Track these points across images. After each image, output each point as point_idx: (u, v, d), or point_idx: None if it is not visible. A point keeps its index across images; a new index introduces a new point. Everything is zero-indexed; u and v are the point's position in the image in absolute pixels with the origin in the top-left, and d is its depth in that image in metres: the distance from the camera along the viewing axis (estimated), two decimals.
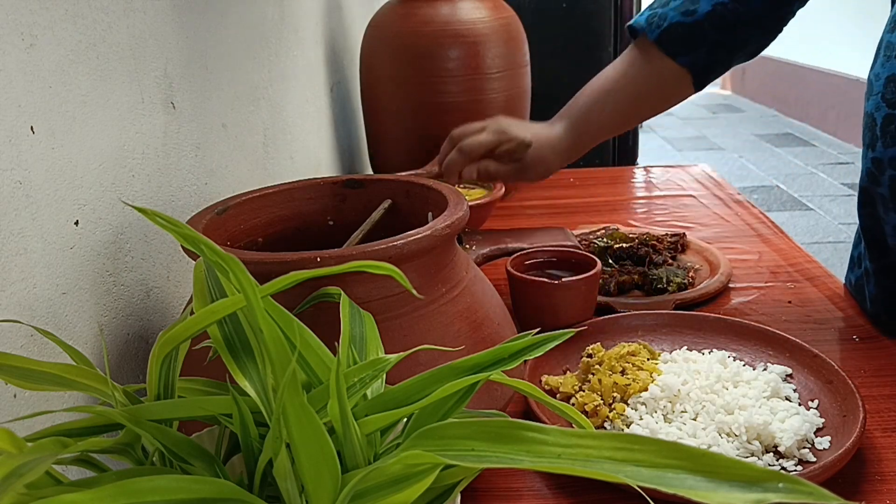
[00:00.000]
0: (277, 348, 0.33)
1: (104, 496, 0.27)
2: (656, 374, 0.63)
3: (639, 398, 0.60)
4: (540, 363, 0.66)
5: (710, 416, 0.58)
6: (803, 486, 0.25)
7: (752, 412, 0.58)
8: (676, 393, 0.60)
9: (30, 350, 0.45)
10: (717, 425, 0.57)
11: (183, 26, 0.67)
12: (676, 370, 0.63)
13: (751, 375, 0.63)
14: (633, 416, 0.59)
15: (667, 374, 0.62)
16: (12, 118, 0.44)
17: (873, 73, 0.74)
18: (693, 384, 0.61)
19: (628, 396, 0.61)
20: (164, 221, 0.34)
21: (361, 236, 0.61)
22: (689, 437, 0.56)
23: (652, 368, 0.63)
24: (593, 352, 0.66)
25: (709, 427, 0.57)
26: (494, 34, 1.13)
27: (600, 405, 0.60)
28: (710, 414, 0.58)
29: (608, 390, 0.61)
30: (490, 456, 0.30)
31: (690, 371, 0.63)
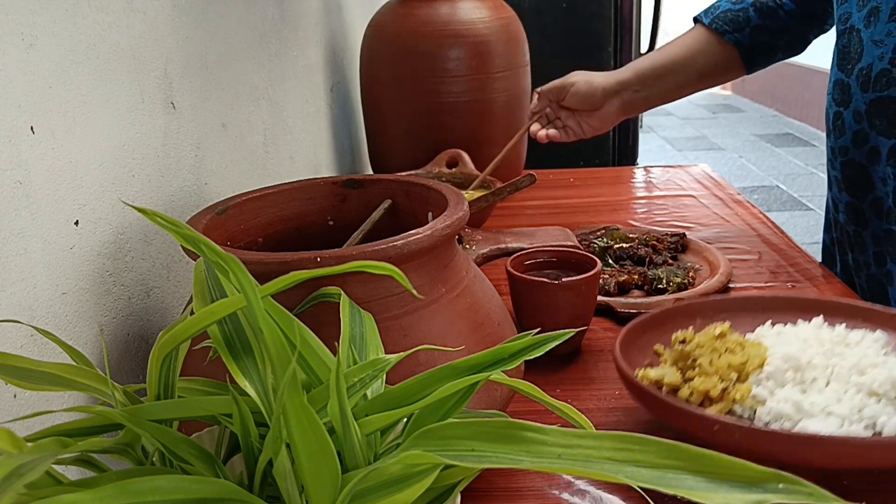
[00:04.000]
0: (277, 348, 0.33)
1: (104, 496, 0.27)
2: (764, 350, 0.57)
3: (760, 374, 0.55)
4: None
5: (845, 380, 0.53)
6: (803, 486, 0.25)
7: (887, 367, 0.53)
8: (800, 362, 0.55)
9: (30, 350, 0.45)
10: (857, 387, 0.53)
11: (183, 26, 0.67)
12: (784, 342, 0.58)
13: (857, 337, 0.58)
14: (764, 394, 0.54)
15: (779, 346, 0.57)
16: (12, 118, 0.44)
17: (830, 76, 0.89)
18: (811, 351, 0.56)
19: (747, 375, 0.55)
20: (164, 221, 0.34)
21: (361, 236, 0.61)
22: (835, 404, 0.52)
23: (756, 345, 0.57)
24: (686, 338, 0.60)
25: (849, 390, 0.53)
26: (494, 34, 1.13)
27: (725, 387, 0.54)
28: (844, 377, 0.53)
29: (724, 371, 0.55)
30: (490, 456, 0.30)
31: (798, 340, 0.58)
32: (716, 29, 1.00)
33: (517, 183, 0.86)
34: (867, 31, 0.80)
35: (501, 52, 1.13)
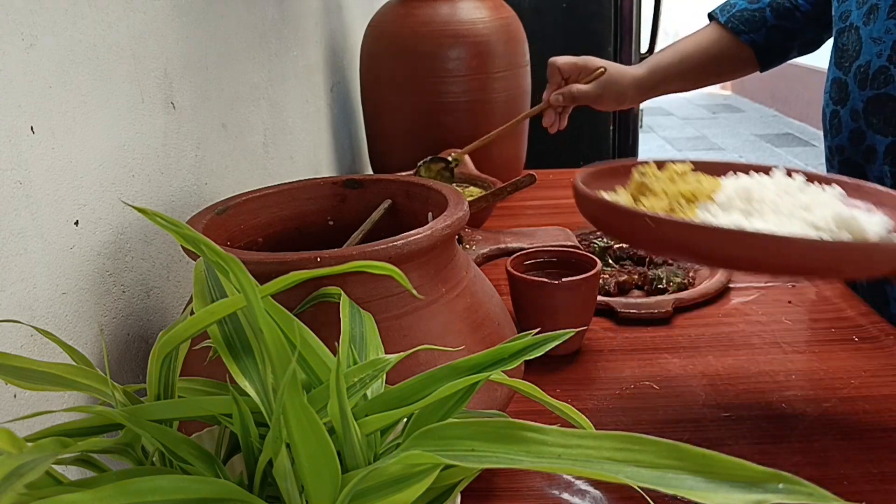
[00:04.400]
0: (277, 348, 0.33)
1: (104, 496, 0.27)
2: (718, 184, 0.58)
3: (710, 203, 0.55)
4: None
5: (791, 213, 0.53)
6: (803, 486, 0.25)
7: (836, 208, 0.54)
8: (751, 195, 0.55)
9: (30, 350, 0.45)
10: (802, 220, 0.53)
11: (183, 26, 0.67)
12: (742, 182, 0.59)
13: (817, 189, 0.59)
14: (708, 217, 0.54)
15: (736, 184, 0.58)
16: (12, 118, 0.44)
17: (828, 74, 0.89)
18: (765, 191, 0.56)
19: (696, 202, 0.56)
20: (164, 221, 0.34)
21: (361, 236, 0.61)
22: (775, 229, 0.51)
23: (713, 180, 0.59)
24: (646, 169, 0.61)
25: (794, 222, 0.53)
26: (495, 34, 1.13)
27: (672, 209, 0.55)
28: (790, 212, 0.53)
29: (675, 197, 0.56)
30: (490, 456, 0.30)
31: (757, 182, 0.59)
32: (731, 28, 1.00)
33: (517, 183, 0.86)
34: (866, 29, 0.80)
35: (501, 53, 1.13)
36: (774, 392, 0.64)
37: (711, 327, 0.77)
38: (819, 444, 0.57)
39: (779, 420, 0.60)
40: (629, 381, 0.67)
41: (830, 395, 0.63)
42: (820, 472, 0.54)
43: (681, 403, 0.63)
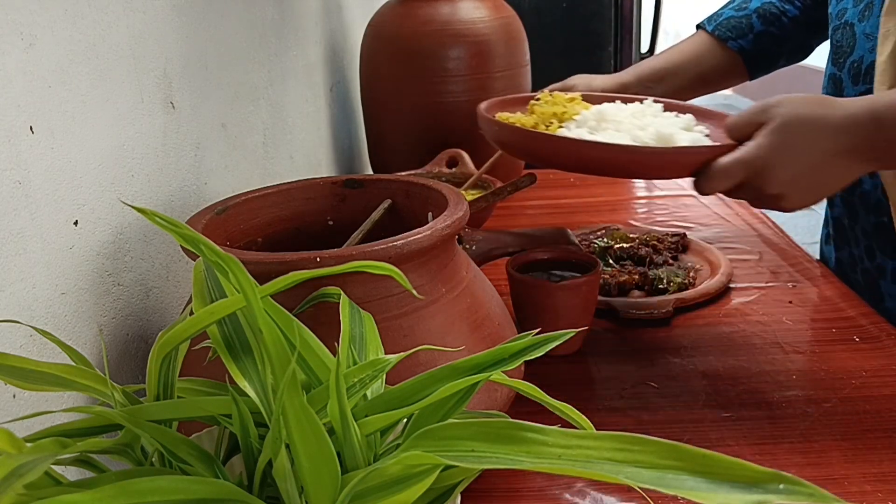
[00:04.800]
0: (277, 349, 0.33)
1: (104, 496, 0.27)
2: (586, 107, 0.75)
3: (570, 122, 0.72)
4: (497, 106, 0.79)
5: (628, 131, 0.68)
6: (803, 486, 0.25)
7: (662, 126, 0.69)
8: (605, 116, 0.71)
9: (29, 350, 0.45)
10: (631, 135, 0.68)
11: (182, 26, 0.67)
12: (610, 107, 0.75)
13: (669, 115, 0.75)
14: (565, 132, 0.70)
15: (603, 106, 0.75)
16: (12, 118, 0.44)
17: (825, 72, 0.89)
18: (622, 114, 0.72)
19: (562, 120, 0.72)
20: (164, 221, 0.34)
21: (361, 236, 0.61)
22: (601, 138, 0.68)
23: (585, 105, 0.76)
24: (542, 97, 0.79)
25: (624, 135, 0.68)
26: (494, 34, 1.12)
27: (536, 125, 0.73)
28: (629, 129, 0.69)
29: (547, 116, 0.74)
30: (490, 457, 0.30)
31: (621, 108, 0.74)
32: (718, 35, 1.00)
33: (517, 183, 0.86)
34: (860, 26, 0.81)
35: (501, 52, 1.13)
36: (775, 392, 0.64)
37: (712, 327, 0.77)
38: (819, 444, 0.57)
39: (779, 420, 0.60)
40: (630, 381, 0.67)
41: (831, 396, 0.63)
42: (820, 473, 0.54)
43: (681, 404, 0.63)
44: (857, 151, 0.61)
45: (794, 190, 0.62)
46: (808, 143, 0.61)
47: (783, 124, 0.61)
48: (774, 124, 0.61)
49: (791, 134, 0.61)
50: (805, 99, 0.63)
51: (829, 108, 0.61)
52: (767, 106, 0.64)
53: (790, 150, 0.61)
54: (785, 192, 0.62)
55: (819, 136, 0.61)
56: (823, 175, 0.62)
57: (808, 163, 0.61)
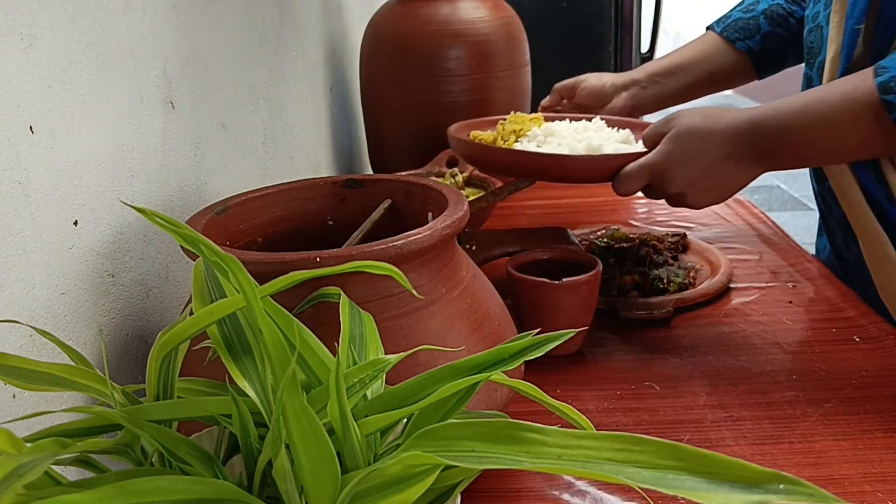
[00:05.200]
0: (277, 349, 0.33)
1: (104, 497, 0.27)
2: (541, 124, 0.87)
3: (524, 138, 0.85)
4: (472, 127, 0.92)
5: (568, 144, 0.80)
6: (804, 486, 0.25)
7: (594, 138, 0.79)
8: (553, 131, 0.83)
9: (29, 350, 0.45)
10: (569, 147, 0.79)
11: (182, 26, 0.67)
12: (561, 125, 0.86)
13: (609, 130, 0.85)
14: (517, 146, 0.83)
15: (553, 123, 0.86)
16: (11, 118, 0.44)
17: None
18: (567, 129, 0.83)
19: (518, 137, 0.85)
20: (164, 221, 0.34)
21: (361, 236, 0.61)
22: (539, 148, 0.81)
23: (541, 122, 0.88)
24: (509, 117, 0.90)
25: (564, 147, 0.79)
26: (495, 34, 1.12)
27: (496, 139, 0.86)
28: (569, 142, 0.80)
29: (507, 133, 0.86)
30: (490, 457, 0.30)
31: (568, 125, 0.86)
32: (727, 37, 1.02)
33: (517, 183, 0.86)
34: (828, 28, 0.81)
35: (502, 52, 1.13)
36: (775, 392, 0.64)
37: (712, 328, 0.77)
38: (819, 444, 0.57)
39: (779, 420, 0.60)
40: (630, 381, 0.67)
41: (831, 396, 0.63)
42: (820, 473, 0.54)
43: (681, 404, 0.63)
44: (742, 156, 0.69)
45: (693, 190, 0.71)
46: (697, 150, 0.69)
47: (677, 134, 0.70)
48: (671, 134, 0.70)
49: (684, 143, 0.69)
50: (699, 111, 0.72)
51: (714, 120, 0.70)
52: (669, 118, 0.73)
53: (684, 157, 0.69)
54: (685, 192, 0.71)
55: (706, 144, 0.69)
56: (717, 177, 0.70)
57: (700, 167, 0.69)
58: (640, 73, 1.04)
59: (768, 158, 0.69)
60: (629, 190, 0.72)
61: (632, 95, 1.03)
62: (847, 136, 0.65)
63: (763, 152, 0.68)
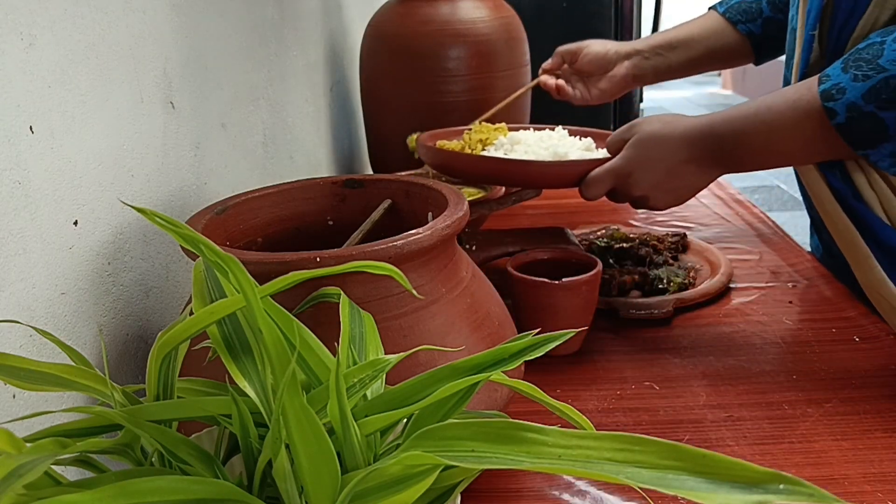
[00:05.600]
0: (277, 349, 0.33)
1: (104, 497, 0.27)
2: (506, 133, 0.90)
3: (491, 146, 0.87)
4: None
5: (533, 151, 0.83)
6: (804, 486, 0.25)
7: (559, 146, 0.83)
8: (518, 140, 0.85)
9: (29, 350, 0.45)
10: (535, 154, 0.82)
11: (182, 26, 0.67)
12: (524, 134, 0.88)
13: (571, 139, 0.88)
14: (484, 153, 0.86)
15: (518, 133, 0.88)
16: (11, 118, 0.44)
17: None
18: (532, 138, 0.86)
19: (484, 145, 0.87)
20: (164, 221, 0.34)
21: (361, 236, 0.61)
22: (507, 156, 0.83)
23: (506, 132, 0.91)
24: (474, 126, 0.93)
25: (530, 154, 0.82)
26: (495, 34, 1.12)
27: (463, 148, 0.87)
28: (534, 150, 0.83)
29: (474, 142, 0.88)
30: (490, 457, 0.30)
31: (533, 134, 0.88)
32: (729, 18, 1.02)
33: (521, 194, 0.86)
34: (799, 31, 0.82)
35: (502, 52, 1.13)
36: (775, 392, 0.64)
37: (712, 327, 0.77)
38: (819, 444, 0.57)
39: (779, 420, 0.60)
40: (630, 381, 0.67)
41: (831, 396, 0.63)
42: (820, 473, 0.54)
43: (681, 404, 0.63)
44: (699, 160, 0.72)
45: (655, 192, 0.74)
46: (657, 155, 0.72)
47: (638, 140, 0.73)
48: (633, 140, 0.73)
49: (645, 148, 0.73)
50: (660, 118, 0.75)
51: (672, 126, 0.73)
52: (631, 125, 0.75)
53: (645, 161, 0.73)
54: (648, 195, 0.74)
55: (665, 149, 0.72)
56: (676, 180, 0.73)
57: (660, 171, 0.73)
58: (643, 44, 1.04)
59: (723, 162, 0.72)
60: (595, 194, 0.75)
61: (634, 65, 1.03)
62: (793, 142, 0.68)
63: (718, 156, 0.71)
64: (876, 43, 0.63)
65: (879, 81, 0.60)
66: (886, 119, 0.60)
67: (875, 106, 0.60)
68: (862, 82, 0.61)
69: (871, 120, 0.61)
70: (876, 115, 0.61)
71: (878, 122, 0.61)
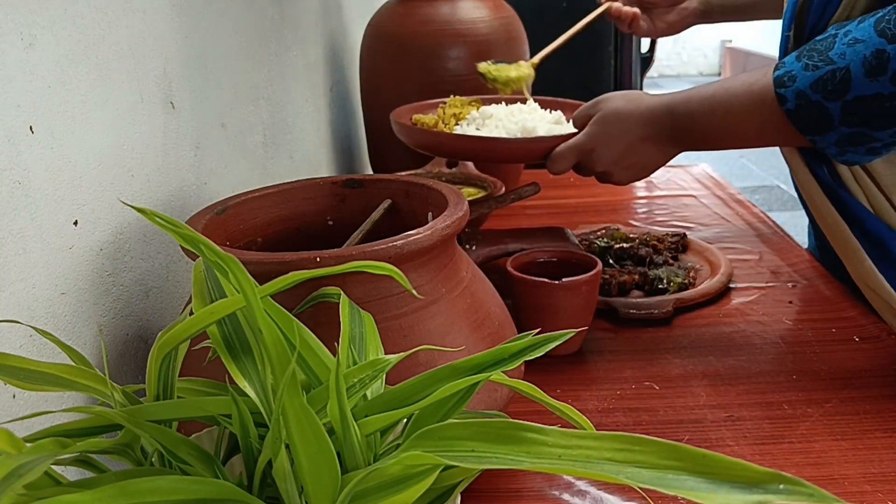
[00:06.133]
0: (277, 349, 0.33)
1: (104, 497, 0.27)
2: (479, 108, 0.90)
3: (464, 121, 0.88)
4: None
5: (504, 126, 0.84)
6: (804, 486, 0.25)
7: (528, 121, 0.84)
8: (489, 114, 0.86)
9: (29, 350, 0.45)
10: (506, 129, 0.83)
11: (182, 26, 0.67)
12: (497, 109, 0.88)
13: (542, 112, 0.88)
14: (457, 129, 0.87)
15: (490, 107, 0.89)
16: (11, 118, 0.44)
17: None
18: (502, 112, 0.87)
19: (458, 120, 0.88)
20: (164, 221, 0.34)
21: (361, 236, 0.61)
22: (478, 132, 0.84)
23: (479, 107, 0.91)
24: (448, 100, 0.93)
25: (501, 130, 0.83)
26: (495, 34, 1.12)
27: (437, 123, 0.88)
28: (505, 125, 0.84)
29: (448, 117, 0.89)
30: (490, 457, 0.30)
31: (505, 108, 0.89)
32: None
33: (521, 191, 0.86)
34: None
35: (502, 52, 1.13)
36: (775, 392, 0.64)
37: (712, 327, 0.77)
38: (819, 444, 0.57)
39: (779, 420, 0.60)
40: (630, 381, 0.67)
41: (831, 396, 0.63)
42: (820, 473, 0.54)
43: (681, 404, 0.63)
44: (658, 137, 0.73)
45: (617, 169, 0.75)
46: (619, 131, 0.74)
47: (602, 117, 0.75)
48: (597, 117, 0.75)
49: (607, 124, 0.74)
50: (623, 95, 0.76)
51: (635, 103, 0.74)
52: (596, 101, 0.77)
53: (607, 137, 0.74)
54: (610, 171, 0.76)
55: (627, 126, 0.74)
56: (637, 157, 0.75)
57: (621, 147, 0.74)
58: None
59: (682, 140, 0.73)
60: (560, 169, 0.77)
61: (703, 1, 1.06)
62: (746, 125, 0.69)
63: (675, 135, 0.73)
64: (830, 35, 0.63)
65: (827, 73, 0.61)
66: (831, 109, 0.61)
67: (822, 96, 0.61)
68: (812, 72, 0.62)
69: (818, 109, 0.62)
70: (822, 105, 0.62)
71: (824, 111, 0.62)
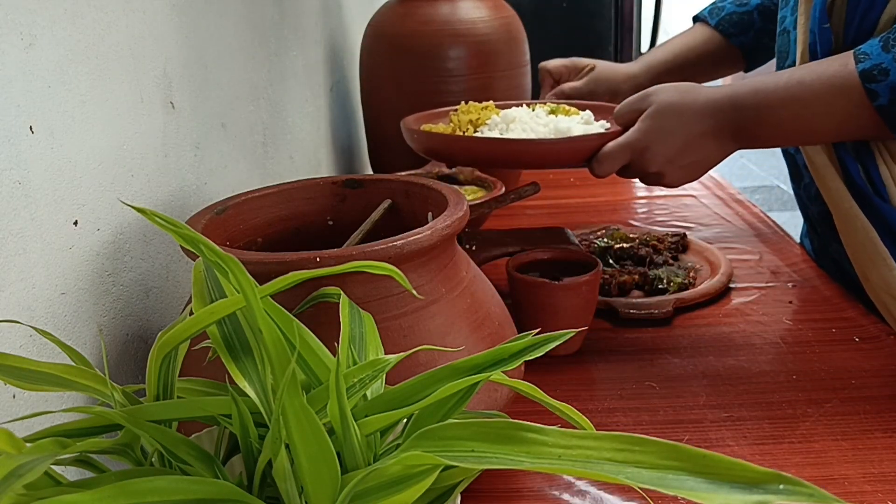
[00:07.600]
0: (277, 349, 0.33)
1: (104, 497, 0.27)
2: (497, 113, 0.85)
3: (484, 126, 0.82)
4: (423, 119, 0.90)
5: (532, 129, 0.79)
6: (804, 486, 0.25)
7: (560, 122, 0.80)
8: (512, 118, 0.81)
9: (29, 350, 0.45)
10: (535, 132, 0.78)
11: (182, 26, 0.67)
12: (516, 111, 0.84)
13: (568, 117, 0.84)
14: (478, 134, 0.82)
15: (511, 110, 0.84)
16: (11, 118, 0.44)
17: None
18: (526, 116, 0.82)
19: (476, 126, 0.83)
20: (163, 221, 0.34)
21: (361, 236, 0.61)
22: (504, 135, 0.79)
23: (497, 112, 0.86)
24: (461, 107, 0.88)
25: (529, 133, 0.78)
26: (494, 34, 1.12)
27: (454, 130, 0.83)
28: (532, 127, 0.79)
29: (464, 123, 0.84)
30: (490, 457, 0.30)
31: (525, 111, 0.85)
32: (722, 31, 1.03)
33: (521, 191, 0.86)
34: (794, 32, 0.82)
35: (502, 52, 1.13)
36: (775, 392, 0.64)
37: (712, 327, 0.77)
38: (819, 444, 0.57)
39: (779, 420, 0.60)
40: (630, 381, 0.67)
41: (831, 396, 0.63)
42: (820, 473, 0.54)
43: (681, 404, 0.63)
44: (720, 132, 0.69)
45: (671, 168, 0.70)
46: (677, 126, 0.69)
47: (656, 111, 0.69)
48: (650, 111, 0.69)
49: (663, 118, 0.69)
50: (676, 87, 0.71)
51: (693, 95, 0.69)
52: (645, 94, 0.71)
53: (663, 133, 0.69)
54: (664, 170, 0.71)
55: (685, 119, 0.69)
56: (694, 154, 0.70)
57: (679, 143, 0.69)
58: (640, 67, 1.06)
59: (745, 135, 0.69)
60: (607, 170, 0.72)
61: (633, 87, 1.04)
62: (824, 119, 0.65)
63: (740, 129, 0.69)
64: None
65: None
66: None
67: None
68: None
69: None
70: None
71: None
